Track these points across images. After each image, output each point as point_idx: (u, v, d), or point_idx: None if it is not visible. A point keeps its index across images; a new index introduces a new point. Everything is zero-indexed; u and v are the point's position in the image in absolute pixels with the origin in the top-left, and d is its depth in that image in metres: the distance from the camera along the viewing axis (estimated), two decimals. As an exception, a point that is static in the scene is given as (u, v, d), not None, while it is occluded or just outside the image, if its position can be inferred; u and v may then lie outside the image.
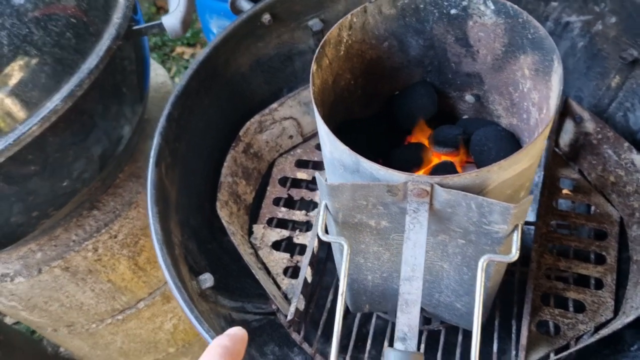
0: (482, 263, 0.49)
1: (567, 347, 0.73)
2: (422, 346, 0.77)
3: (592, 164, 0.83)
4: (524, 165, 0.50)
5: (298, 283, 0.75)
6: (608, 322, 0.73)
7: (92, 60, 0.78)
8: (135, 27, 0.85)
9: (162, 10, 2.31)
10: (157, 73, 1.23)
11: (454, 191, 0.46)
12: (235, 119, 0.89)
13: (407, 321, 0.48)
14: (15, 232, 0.89)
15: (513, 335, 0.75)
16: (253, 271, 0.75)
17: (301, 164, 0.95)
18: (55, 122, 0.74)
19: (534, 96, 0.60)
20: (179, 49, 2.24)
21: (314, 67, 0.56)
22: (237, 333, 0.36)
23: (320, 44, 0.57)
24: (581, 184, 0.85)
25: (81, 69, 0.77)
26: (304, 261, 0.77)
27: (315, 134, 0.96)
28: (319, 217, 0.52)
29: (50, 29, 0.74)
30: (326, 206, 0.52)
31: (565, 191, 0.86)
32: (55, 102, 0.74)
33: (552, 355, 0.72)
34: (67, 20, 0.77)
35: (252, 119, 0.88)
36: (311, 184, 0.94)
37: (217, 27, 1.60)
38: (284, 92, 0.97)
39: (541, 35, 0.55)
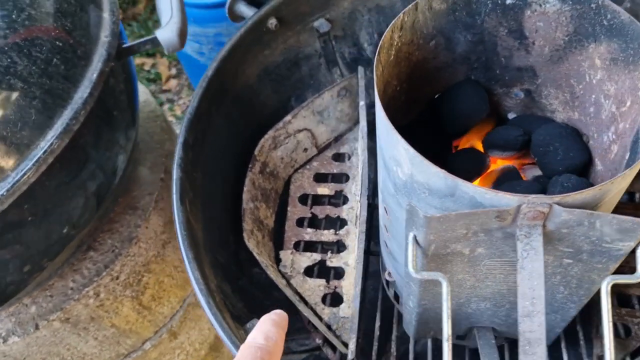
0: (606, 287, 0.43)
1: (641, 348, 0.68)
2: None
3: (631, 149, 0.79)
4: (636, 171, 0.44)
5: (352, 317, 0.68)
6: (678, 316, 0.69)
7: (84, 88, 0.68)
8: (125, 45, 0.75)
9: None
10: (139, 90, 1.12)
11: (577, 211, 0.40)
12: (247, 136, 0.81)
13: (532, 364, 0.42)
14: (3, 292, 0.77)
15: (582, 343, 0.70)
16: (299, 308, 0.67)
17: (320, 178, 0.87)
18: (52, 163, 0.64)
19: (608, 87, 0.54)
20: (138, 60, 2.11)
21: (375, 78, 0.48)
22: (281, 312, 0.42)
23: (377, 51, 0.49)
24: (620, 170, 0.81)
25: (74, 99, 0.67)
26: (355, 290, 0.69)
27: (329, 144, 0.89)
28: (409, 253, 0.45)
29: (34, 56, 0.64)
30: (415, 238, 0.45)
31: (604, 180, 0.82)
32: (49, 140, 0.64)
33: (627, 359, 0.67)
34: (52, 43, 0.66)
35: (265, 135, 0.80)
36: (334, 199, 0.86)
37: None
38: (292, 100, 0.89)
39: (623, 21, 0.49)
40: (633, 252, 0.45)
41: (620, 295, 0.72)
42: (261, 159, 0.80)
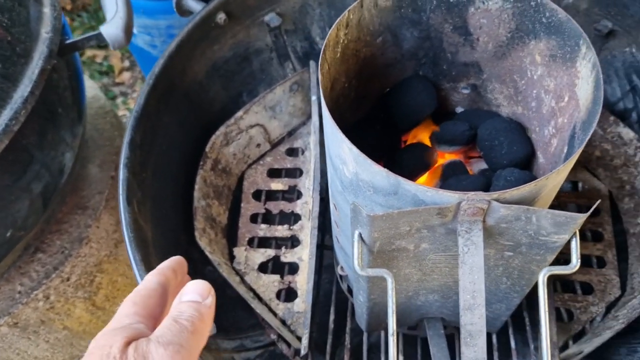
0: (543, 277, 0.45)
1: (583, 332, 0.71)
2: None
3: (574, 140, 0.82)
4: (571, 166, 0.46)
5: (305, 312, 0.68)
6: (617, 299, 0.73)
7: (25, 87, 0.65)
8: (69, 42, 0.73)
9: (64, 10, 2.09)
10: (86, 85, 1.08)
11: (514, 206, 0.41)
12: (197, 133, 0.80)
13: (474, 355, 0.43)
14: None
15: (528, 328, 0.72)
16: (252, 305, 0.67)
17: (273, 174, 0.87)
18: (-8, 165, 0.62)
19: (548, 83, 0.56)
20: (89, 52, 2.05)
21: (320, 77, 0.48)
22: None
23: (322, 49, 0.49)
24: (564, 161, 0.84)
25: (14, 98, 0.64)
26: (307, 286, 0.70)
27: (283, 139, 0.88)
28: (354, 250, 0.45)
29: (-32, 54, 0.61)
30: (360, 236, 0.46)
31: (550, 170, 0.84)
32: (-12, 142, 0.61)
33: (570, 342, 0.70)
34: (-12, 41, 0.63)
35: (217, 131, 0.79)
36: (288, 194, 0.86)
37: (137, 26, 1.46)
38: (244, 95, 0.88)
39: (560, 19, 0.51)
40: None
41: (564, 281, 0.75)
42: (213, 155, 0.79)
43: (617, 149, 0.78)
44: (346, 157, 0.46)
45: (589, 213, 0.41)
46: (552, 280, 0.74)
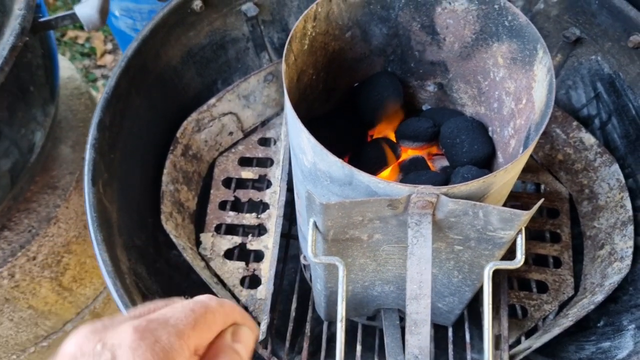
0: (488, 271, 0.46)
1: (535, 328, 0.73)
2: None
3: (539, 143, 0.84)
4: (521, 166, 0.47)
5: (266, 299, 0.69)
6: (570, 299, 0.75)
7: (-6, 62, 0.65)
8: (42, 20, 0.73)
9: (47, -11, 2.06)
10: (62, 65, 1.08)
11: (462, 201, 0.43)
12: (169, 118, 0.80)
13: (418, 343, 0.45)
14: None
15: (485, 323, 0.74)
16: (214, 290, 0.68)
17: (244, 162, 0.87)
18: (-43, 139, 0.62)
19: (509, 85, 0.58)
20: (71, 33, 2.02)
21: (284, 67, 0.49)
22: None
23: (288, 39, 0.50)
24: (529, 163, 0.86)
25: (-18, 73, 0.64)
26: (269, 273, 0.71)
27: (256, 129, 0.89)
28: (308, 237, 0.47)
29: (-63, 26, 0.61)
30: (315, 224, 0.47)
31: (515, 171, 0.86)
32: (-46, 116, 0.61)
33: (522, 338, 0.72)
34: (-42, 14, 0.63)
35: (189, 117, 0.79)
36: (258, 184, 0.87)
37: (120, 9, 1.46)
38: (218, 83, 0.88)
39: (521, 23, 0.52)
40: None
41: (521, 279, 0.77)
42: (183, 141, 0.80)
43: (579, 153, 0.80)
44: (305, 147, 0.47)
45: (532, 210, 0.43)
46: (510, 277, 0.76)
